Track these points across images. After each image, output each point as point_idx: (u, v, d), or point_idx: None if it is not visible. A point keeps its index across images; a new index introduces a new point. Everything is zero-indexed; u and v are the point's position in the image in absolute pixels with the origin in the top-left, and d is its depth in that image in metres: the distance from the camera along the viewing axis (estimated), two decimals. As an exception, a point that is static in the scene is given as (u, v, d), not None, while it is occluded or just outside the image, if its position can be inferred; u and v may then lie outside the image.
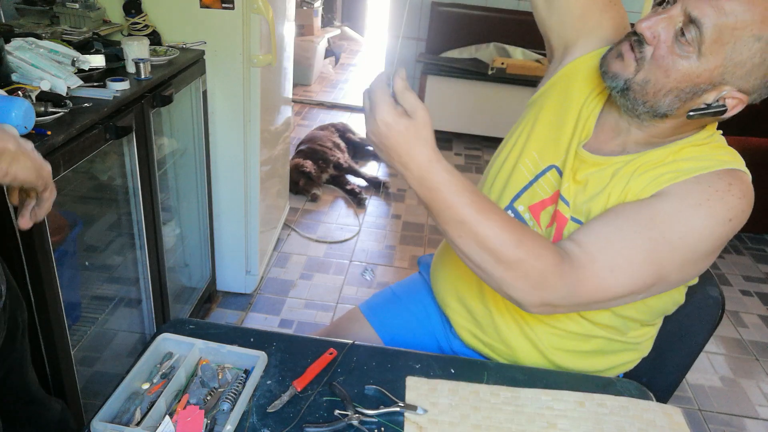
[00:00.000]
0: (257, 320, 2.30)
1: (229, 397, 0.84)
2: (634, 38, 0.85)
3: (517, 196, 1.03)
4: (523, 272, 0.79)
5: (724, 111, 0.83)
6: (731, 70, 0.79)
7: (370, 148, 3.89)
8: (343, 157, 3.55)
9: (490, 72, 3.87)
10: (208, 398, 0.84)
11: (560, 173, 0.99)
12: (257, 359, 0.90)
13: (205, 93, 1.93)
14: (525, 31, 4.03)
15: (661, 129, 0.89)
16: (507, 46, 4.05)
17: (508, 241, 0.78)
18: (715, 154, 0.88)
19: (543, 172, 1.01)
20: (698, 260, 0.86)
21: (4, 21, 1.67)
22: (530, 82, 3.79)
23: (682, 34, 0.80)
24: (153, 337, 0.92)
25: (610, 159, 0.93)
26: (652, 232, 0.82)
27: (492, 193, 1.07)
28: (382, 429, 0.83)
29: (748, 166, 0.88)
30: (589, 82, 1.00)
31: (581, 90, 1.01)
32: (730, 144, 0.91)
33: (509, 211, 1.03)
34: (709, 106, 0.83)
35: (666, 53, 0.82)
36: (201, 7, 1.84)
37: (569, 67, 1.03)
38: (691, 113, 0.84)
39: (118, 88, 1.42)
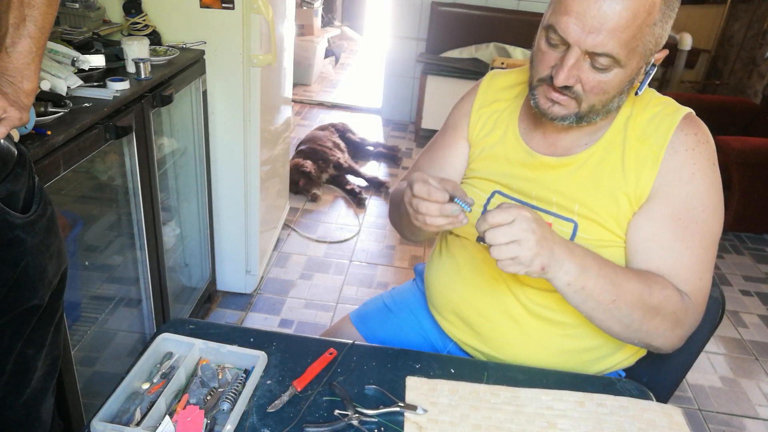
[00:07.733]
0: (257, 320, 2.30)
1: (229, 397, 0.84)
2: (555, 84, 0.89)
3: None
4: (661, 317, 0.89)
5: (655, 67, 0.91)
6: (650, 51, 0.87)
7: (371, 148, 3.89)
8: (343, 157, 3.55)
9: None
10: (208, 398, 0.84)
11: (505, 195, 1.02)
12: (257, 359, 0.90)
13: (205, 93, 1.93)
14: (525, 31, 4.03)
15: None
16: (507, 46, 4.05)
17: (646, 290, 0.87)
18: (659, 110, 0.96)
19: (488, 200, 1.04)
20: (720, 204, 0.95)
21: (4, 21, 1.67)
22: (530, 82, 3.79)
23: (596, 64, 0.85)
24: (153, 337, 0.92)
25: (578, 156, 0.97)
26: (689, 230, 0.92)
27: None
28: (382, 429, 0.83)
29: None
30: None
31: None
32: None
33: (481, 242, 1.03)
34: (647, 74, 0.92)
35: (594, 83, 0.87)
36: (201, 7, 1.84)
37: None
38: (639, 92, 0.94)
39: (118, 88, 1.42)
